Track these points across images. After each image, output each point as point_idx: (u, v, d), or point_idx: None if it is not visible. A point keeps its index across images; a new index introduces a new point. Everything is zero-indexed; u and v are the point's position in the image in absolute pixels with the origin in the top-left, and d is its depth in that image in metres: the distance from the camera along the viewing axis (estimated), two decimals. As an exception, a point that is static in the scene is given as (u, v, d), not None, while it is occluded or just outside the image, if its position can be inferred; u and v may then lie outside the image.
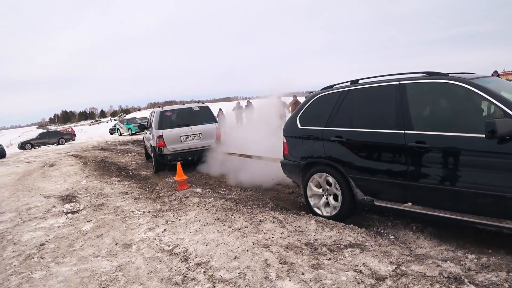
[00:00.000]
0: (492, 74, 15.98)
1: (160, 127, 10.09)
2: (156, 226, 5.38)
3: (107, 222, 5.85)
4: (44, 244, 5.22)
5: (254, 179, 7.83)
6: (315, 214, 5.24)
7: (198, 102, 11.57)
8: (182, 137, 10.08)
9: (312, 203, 5.35)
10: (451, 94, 4.20)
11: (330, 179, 5.08)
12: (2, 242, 5.54)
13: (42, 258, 4.71)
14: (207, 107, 10.87)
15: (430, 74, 4.38)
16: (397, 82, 4.54)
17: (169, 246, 4.60)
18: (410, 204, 4.30)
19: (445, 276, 3.30)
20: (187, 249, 4.38)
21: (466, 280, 3.21)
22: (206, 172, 9.67)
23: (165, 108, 10.90)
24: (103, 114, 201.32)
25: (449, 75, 4.27)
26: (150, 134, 11.33)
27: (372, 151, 4.63)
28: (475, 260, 3.75)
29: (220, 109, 21.63)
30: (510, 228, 3.63)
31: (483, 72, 5.12)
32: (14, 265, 4.60)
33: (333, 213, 5.08)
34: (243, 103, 19.79)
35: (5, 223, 6.62)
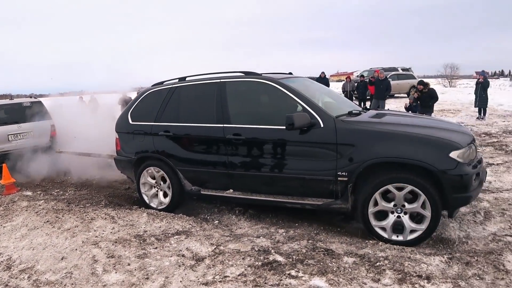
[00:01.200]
0: (320, 75, 18.12)
1: None
2: (-25, 237, 5.02)
3: None
4: None
5: (91, 177, 7.70)
6: (149, 207, 5.47)
7: (30, 96, 10.67)
8: (10, 136, 9.27)
9: (145, 197, 5.59)
10: (263, 91, 4.82)
11: (161, 172, 5.34)
12: None
13: None
14: (40, 102, 10.05)
15: (247, 74, 4.93)
16: (218, 81, 4.99)
17: (-10, 256, 4.38)
18: (231, 191, 4.82)
19: (256, 249, 3.82)
20: (11, 257, 4.23)
21: (273, 251, 3.76)
22: (39, 173, 9.11)
23: None
24: None
25: (262, 74, 4.85)
26: None
27: (197, 144, 5.04)
28: (284, 234, 4.38)
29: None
30: (310, 204, 4.35)
31: (313, 74, 5.95)
32: None
33: (165, 205, 5.39)
34: (87, 97, 18.77)
35: None
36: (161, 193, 5.49)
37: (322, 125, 4.20)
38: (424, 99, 10.87)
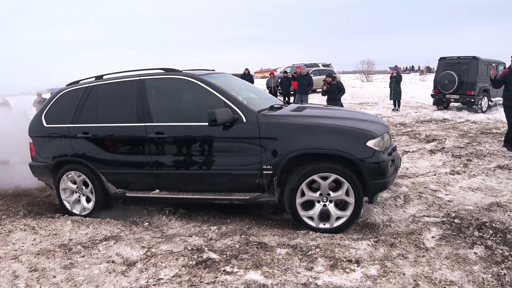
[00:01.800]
0: (244, 72, 18.22)
1: None
2: None
3: None
4: None
5: (5, 186, 7.15)
6: (72, 214, 5.20)
7: None
8: None
9: (67, 204, 5.30)
10: (184, 88, 4.74)
11: (82, 177, 5.10)
12: None
13: None
14: None
15: (167, 70, 4.81)
16: (138, 78, 4.83)
17: None
18: (157, 191, 4.70)
19: (189, 249, 3.76)
20: None
21: (206, 249, 3.72)
22: None
23: None
24: None
25: (183, 71, 4.77)
26: None
27: (118, 145, 4.87)
28: (216, 231, 4.36)
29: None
30: (238, 199, 4.37)
31: (237, 71, 5.95)
32: None
33: (89, 210, 5.16)
34: None
35: None
36: (83, 198, 5.22)
37: (244, 120, 4.23)
38: (332, 91, 11.09)
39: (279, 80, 19.33)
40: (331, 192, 4.07)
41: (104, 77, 5.21)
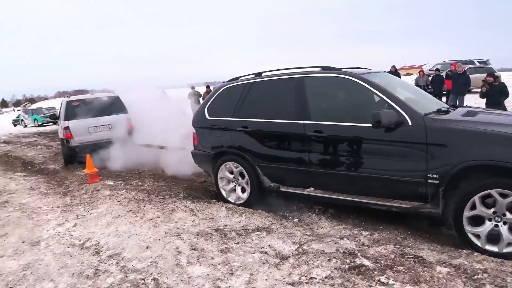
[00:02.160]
0: (390, 70, 17.18)
1: (67, 117, 9.73)
2: (66, 221, 5.28)
3: (12, 220, 5.62)
4: None
5: (167, 169, 7.89)
6: (227, 202, 5.47)
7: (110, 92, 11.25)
8: (90, 129, 9.77)
9: (223, 192, 5.60)
10: (344, 87, 4.62)
11: (240, 168, 5.33)
12: None
13: None
14: (117, 97, 10.56)
15: (326, 69, 4.77)
16: (296, 76, 4.88)
17: (80, 240, 4.57)
18: (312, 189, 4.68)
19: (341, 251, 3.67)
20: (99, 242, 4.39)
21: (359, 254, 3.58)
22: (118, 164, 9.45)
23: (72, 98, 10.49)
24: (4, 104, 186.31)
25: (342, 69, 4.66)
26: (59, 125, 10.87)
27: (276, 140, 4.96)
28: (368, 236, 4.19)
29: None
30: (397, 207, 4.11)
31: (382, 67, 5.69)
32: None
33: (243, 200, 5.36)
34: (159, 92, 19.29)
35: None
36: (239, 188, 5.47)
37: (410, 123, 3.94)
38: (493, 93, 9.52)
39: (429, 78, 17.80)
40: (507, 213, 3.59)
41: (263, 74, 5.39)
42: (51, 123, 33.80)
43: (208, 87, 16.54)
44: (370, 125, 4.01)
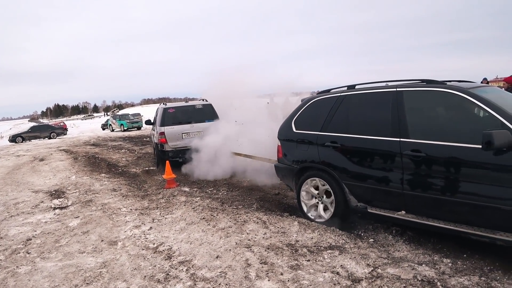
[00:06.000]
0: (482, 82, 15.98)
1: (163, 123, 10.23)
2: (142, 223, 5.46)
3: (94, 219, 5.92)
4: (30, 239, 5.28)
5: (244, 179, 7.93)
6: (306, 217, 5.27)
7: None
8: (183, 134, 10.16)
9: (304, 206, 5.38)
10: (448, 103, 4.24)
11: (326, 186, 5.08)
12: (-11, 236, 5.59)
13: (28, 253, 4.77)
14: (210, 105, 10.88)
15: (428, 82, 4.41)
16: (394, 89, 4.56)
17: (154, 244, 4.68)
18: (403, 212, 4.34)
19: (419, 279, 3.41)
20: (171, 247, 4.47)
21: (439, 284, 3.31)
22: (204, 171, 9.48)
23: (169, 105, 10.99)
24: (96, 109, 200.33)
25: (447, 83, 4.29)
26: (154, 130, 11.49)
27: (367, 158, 4.65)
28: (450, 264, 3.87)
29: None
30: (504, 240, 3.62)
31: (471, 78, 5.17)
32: (0, 259, 4.66)
33: (324, 219, 5.10)
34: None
35: (-8, 217, 6.66)
36: (321, 206, 5.23)
37: None
38: None
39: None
40: None
41: (357, 87, 5.12)
42: (135, 129, 35.83)
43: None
44: (478, 146, 3.64)
